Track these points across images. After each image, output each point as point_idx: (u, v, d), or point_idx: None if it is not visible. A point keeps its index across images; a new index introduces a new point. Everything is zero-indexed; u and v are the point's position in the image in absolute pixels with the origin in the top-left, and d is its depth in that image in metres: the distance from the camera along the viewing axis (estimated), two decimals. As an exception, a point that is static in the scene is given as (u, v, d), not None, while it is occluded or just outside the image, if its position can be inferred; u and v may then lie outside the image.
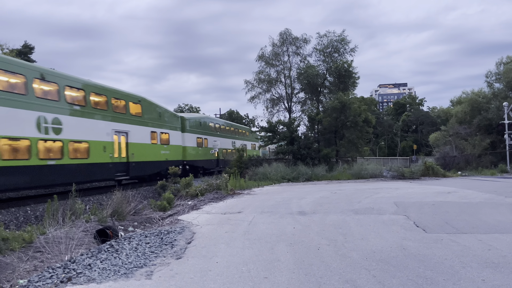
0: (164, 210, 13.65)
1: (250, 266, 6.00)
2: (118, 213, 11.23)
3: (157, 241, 7.89)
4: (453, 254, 6.36)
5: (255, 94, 35.49)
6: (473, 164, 30.52)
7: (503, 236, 7.57)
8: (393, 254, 6.43)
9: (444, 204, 12.11)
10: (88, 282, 5.44)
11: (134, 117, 22.42)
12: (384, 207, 11.68)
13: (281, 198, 14.89)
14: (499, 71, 36.65)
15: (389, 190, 16.81)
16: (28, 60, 36.10)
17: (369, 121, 31.68)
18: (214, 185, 17.92)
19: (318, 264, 6.00)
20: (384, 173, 25.68)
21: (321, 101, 34.26)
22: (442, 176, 24.81)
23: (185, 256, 6.74)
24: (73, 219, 9.99)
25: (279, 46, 34.42)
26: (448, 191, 15.79)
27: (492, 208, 11.14)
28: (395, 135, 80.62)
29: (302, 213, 11.07)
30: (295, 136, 29.92)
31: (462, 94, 41.63)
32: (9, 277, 6.12)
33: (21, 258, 7.06)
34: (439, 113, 56.71)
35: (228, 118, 72.41)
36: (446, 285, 4.93)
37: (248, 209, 12.19)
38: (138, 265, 6.24)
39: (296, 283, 5.17)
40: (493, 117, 33.49)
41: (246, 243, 7.57)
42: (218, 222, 10.09)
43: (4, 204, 14.84)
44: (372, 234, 8.02)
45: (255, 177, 24.17)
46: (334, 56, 32.47)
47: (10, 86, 14.34)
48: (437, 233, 7.98)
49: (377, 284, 5.02)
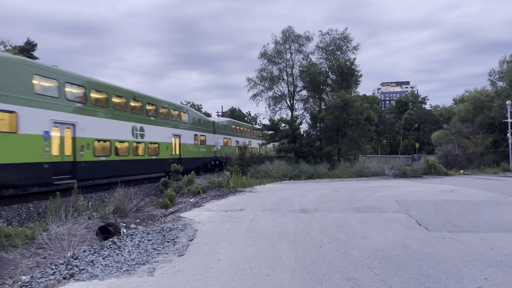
0: (166, 207, 13.69)
1: (252, 263, 6.00)
2: (120, 210, 11.25)
3: (159, 238, 7.91)
4: (456, 252, 6.35)
5: (257, 91, 35.46)
6: (475, 162, 30.47)
7: (506, 235, 7.55)
8: (395, 252, 6.42)
9: (447, 202, 12.08)
10: (90, 278, 5.46)
11: (184, 124, 29.63)
12: (386, 205, 11.67)
13: (283, 196, 14.88)
14: (502, 70, 36.54)
15: (391, 188, 16.78)
16: (31, 57, 36.12)
17: (371, 119, 31.56)
18: (216, 183, 17.93)
19: (320, 261, 6.00)
20: (386, 171, 25.63)
21: (323, 99, 34.19)
22: (444, 174, 24.76)
23: (187, 253, 6.75)
24: (76, 216, 10.02)
25: (282, 44, 34.31)
26: (450, 189, 15.75)
27: (495, 207, 11.11)
28: (397, 133, 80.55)
29: (304, 211, 11.07)
30: (297, 134, 29.90)
31: (465, 93, 41.59)
32: (11, 273, 6.15)
33: (23, 254, 7.09)
34: (442, 112, 56.58)
35: (230, 116, 72.44)
36: (448, 283, 4.93)
37: (250, 206, 12.20)
38: (140, 262, 6.25)
39: (298, 280, 5.17)
40: (495, 116, 33.42)
41: (248, 240, 7.57)
42: (220, 219, 10.09)
43: (7, 201, 14.92)
44: (374, 232, 8.01)
45: (257, 175, 24.15)
46: (336, 54, 32.36)
47: (119, 106, 21.36)
48: (439, 232, 7.96)
49: (379, 282, 5.02)
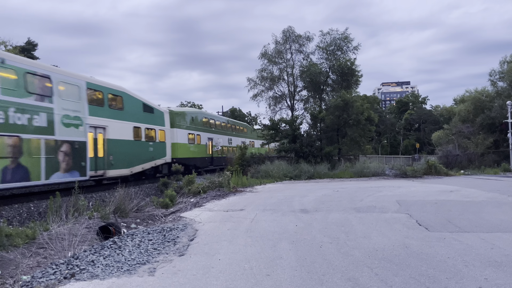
0: (166, 207, 13.68)
1: (252, 263, 6.01)
2: (120, 210, 11.25)
3: (160, 238, 7.91)
4: (456, 252, 6.35)
5: (257, 91, 35.43)
6: (475, 163, 30.44)
7: (506, 235, 7.55)
8: (396, 253, 6.43)
9: (447, 202, 12.08)
10: (91, 278, 5.46)
11: (218, 129, 36.72)
12: (386, 205, 11.67)
13: (283, 196, 14.89)
14: (502, 70, 36.54)
15: (392, 188, 16.78)
16: (32, 57, 36.13)
17: (371, 119, 31.56)
18: (217, 183, 17.94)
19: (321, 261, 6.01)
20: (386, 171, 25.60)
21: (324, 99, 34.16)
22: (445, 174, 24.74)
23: (187, 253, 6.76)
24: (76, 216, 10.04)
25: (282, 44, 34.29)
26: (450, 189, 15.74)
27: (495, 207, 11.11)
28: (398, 133, 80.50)
29: (304, 211, 11.07)
30: (297, 134, 29.87)
31: (465, 93, 41.56)
32: (12, 273, 6.15)
33: (24, 254, 7.09)
34: (442, 112, 56.59)
35: (230, 115, 72.41)
36: (448, 283, 4.93)
37: (250, 206, 12.20)
38: (141, 261, 6.26)
39: (298, 280, 5.18)
40: (496, 116, 33.39)
41: (249, 240, 7.58)
42: (221, 219, 10.10)
43: (8, 201, 14.93)
44: (374, 233, 8.02)
45: (257, 175, 24.16)
46: (337, 54, 32.31)
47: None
48: (439, 232, 7.96)
49: (380, 282, 5.02)
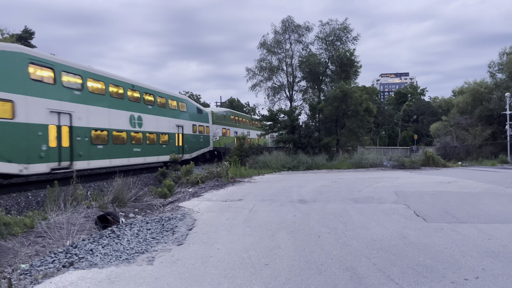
0: (165, 197, 13.69)
1: (251, 253, 6.03)
2: (119, 200, 11.26)
3: (158, 228, 7.92)
4: (453, 243, 6.38)
5: (256, 82, 35.37)
6: (473, 154, 30.53)
7: (503, 226, 7.59)
8: (394, 243, 6.46)
9: (444, 194, 12.13)
10: (90, 266, 5.47)
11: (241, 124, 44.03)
12: (384, 196, 11.71)
13: (281, 186, 14.92)
14: (502, 62, 36.42)
15: (389, 179, 16.82)
16: (29, 45, 35.76)
17: (370, 110, 31.53)
18: (215, 173, 17.94)
19: (319, 251, 6.03)
20: (384, 162, 25.65)
21: (323, 90, 34.11)
22: (443, 166, 24.82)
23: (186, 242, 6.77)
24: (75, 205, 10.03)
25: (281, 34, 34.09)
26: (448, 181, 15.80)
27: (492, 198, 11.16)
28: (396, 124, 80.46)
29: (302, 201, 11.10)
30: (296, 124, 29.85)
31: (464, 84, 41.50)
32: (10, 262, 6.16)
33: (22, 243, 7.10)
34: (441, 103, 56.56)
35: (229, 106, 72.22)
36: (446, 273, 4.96)
37: (248, 196, 12.23)
38: (139, 250, 6.27)
39: (296, 270, 5.20)
40: (494, 108, 33.42)
41: (247, 230, 7.60)
42: (219, 209, 10.12)
43: (6, 189, 14.91)
44: (372, 223, 8.05)
45: (256, 166, 24.19)
46: (336, 44, 32.18)
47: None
48: (437, 223, 8.00)
49: (378, 272, 5.05)
